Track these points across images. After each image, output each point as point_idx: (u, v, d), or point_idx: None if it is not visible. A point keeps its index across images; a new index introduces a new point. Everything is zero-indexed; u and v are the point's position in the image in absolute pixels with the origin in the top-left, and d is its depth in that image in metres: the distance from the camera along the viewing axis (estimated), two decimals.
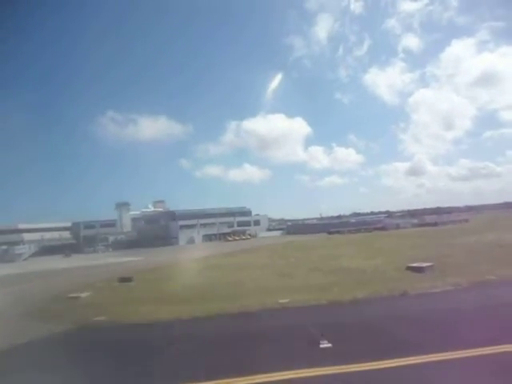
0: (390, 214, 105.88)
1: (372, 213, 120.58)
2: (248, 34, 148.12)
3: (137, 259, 41.21)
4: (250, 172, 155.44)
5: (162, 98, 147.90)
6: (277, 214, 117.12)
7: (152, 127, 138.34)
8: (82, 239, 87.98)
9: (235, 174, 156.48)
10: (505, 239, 25.50)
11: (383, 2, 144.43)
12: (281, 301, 11.91)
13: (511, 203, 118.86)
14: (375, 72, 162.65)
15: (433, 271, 15.52)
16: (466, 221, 69.40)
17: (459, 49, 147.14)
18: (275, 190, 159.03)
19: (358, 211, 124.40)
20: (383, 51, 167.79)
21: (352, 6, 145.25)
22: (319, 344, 7.20)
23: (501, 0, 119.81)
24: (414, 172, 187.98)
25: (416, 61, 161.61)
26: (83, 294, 17.28)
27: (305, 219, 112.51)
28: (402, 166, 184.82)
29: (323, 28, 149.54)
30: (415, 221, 76.91)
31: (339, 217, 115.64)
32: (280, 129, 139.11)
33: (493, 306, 9.40)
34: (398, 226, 68.08)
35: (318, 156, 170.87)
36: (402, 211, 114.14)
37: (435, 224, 65.83)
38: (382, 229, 65.66)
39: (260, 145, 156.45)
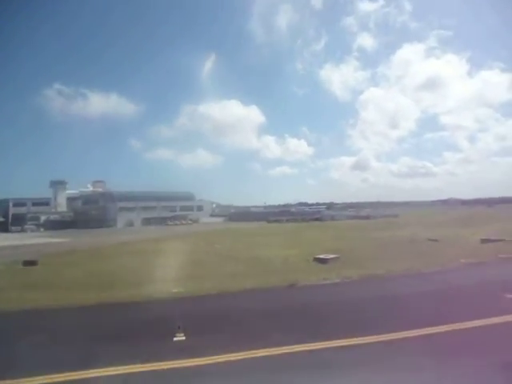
0: (330, 206, 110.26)
1: (317, 204, 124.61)
2: (206, 15, 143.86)
3: (61, 241, 39.08)
4: (202, 157, 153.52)
5: (115, 75, 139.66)
6: (227, 201, 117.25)
7: (102, 104, 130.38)
8: (12, 217, 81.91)
9: (187, 158, 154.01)
10: (419, 235, 27.33)
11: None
12: (174, 290, 11.82)
13: (445, 201, 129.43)
14: (330, 68, 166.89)
15: (335, 263, 16.32)
16: (396, 216, 74.00)
17: (409, 52, 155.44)
18: (227, 176, 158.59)
19: (304, 201, 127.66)
20: (339, 48, 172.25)
21: (313, 1, 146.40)
22: (173, 337, 7.19)
23: (450, 10, 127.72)
24: (359, 167, 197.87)
25: (369, 60, 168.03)
26: None
27: (252, 207, 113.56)
28: (349, 161, 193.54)
29: (284, 18, 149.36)
30: (351, 213, 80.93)
31: (283, 206, 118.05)
32: (235, 115, 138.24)
33: (361, 299, 9.99)
34: (333, 218, 71.02)
35: (271, 145, 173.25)
36: (343, 203, 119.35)
37: (367, 217, 69.57)
38: (318, 219, 68.21)
39: (214, 130, 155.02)
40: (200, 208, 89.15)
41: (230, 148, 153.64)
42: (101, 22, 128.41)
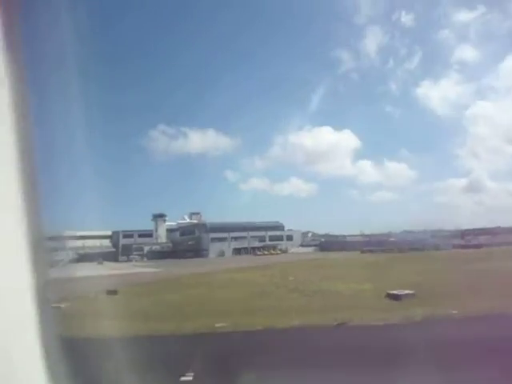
0: (435, 233, 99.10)
1: (425, 231, 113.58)
2: (291, 46, 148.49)
3: (154, 271, 41.88)
4: (295, 185, 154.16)
5: (210, 111, 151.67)
6: (323, 229, 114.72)
7: (200, 140, 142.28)
8: (121, 248, 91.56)
9: (281, 188, 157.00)
10: None
11: (436, 13, 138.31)
12: (217, 325, 11.15)
13: None
14: (427, 84, 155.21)
15: (409, 300, 13.95)
16: None
17: None
18: (322, 204, 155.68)
19: (408, 229, 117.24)
20: (436, 63, 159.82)
21: (403, 19, 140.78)
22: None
23: None
24: (472, 189, 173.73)
25: (472, 72, 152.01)
26: (63, 305, 17.54)
27: (349, 236, 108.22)
28: (458, 183, 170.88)
29: (372, 41, 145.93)
30: (460, 241, 71.56)
31: (383, 234, 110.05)
32: (327, 142, 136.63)
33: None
34: (437, 247, 63.27)
35: (368, 170, 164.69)
36: (456, 230, 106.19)
37: (479, 246, 60.38)
38: (417, 249, 61.39)
39: (306, 158, 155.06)
40: (290, 238, 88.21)
41: (324, 175, 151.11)
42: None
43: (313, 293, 16.72)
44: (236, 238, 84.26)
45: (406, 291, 14.88)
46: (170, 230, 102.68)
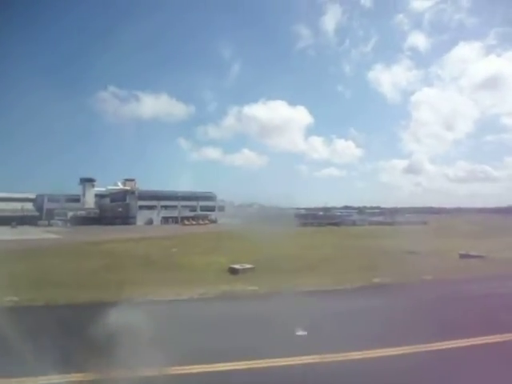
0: (361, 210, 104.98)
1: (365, 207, 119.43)
2: (253, 19, 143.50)
3: (57, 237, 40.14)
4: (248, 157, 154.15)
5: (166, 76, 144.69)
6: (272, 202, 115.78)
7: (153, 104, 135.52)
8: (45, 212, 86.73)
9: (233, 159, 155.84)
10: (408, 245, 24.03)
11: None
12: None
13: (504, 209, 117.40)
14: (379, 68, 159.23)
15: (246, 274, 14.44)
16: (425, 223, 68.33)
17: (466, 51, 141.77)
18: (273, 177, 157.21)
19: (350, 205, 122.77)
20: (389, 48, 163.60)
21: (362, 0, 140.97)
22: None
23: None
24: (412, 170, 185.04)
25: (421, 60, 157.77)
26: None
27: (292, 208, 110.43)
28: (400, 164, 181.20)
29: (331, 19, 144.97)
30: (379, 219, 76.37)
31: (317, 209, 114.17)
32: (281, 116, 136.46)
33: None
34: (354, 223, 67.15)
35: (318, 147, 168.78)
36: (373, 208, 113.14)
37: (391, 223, 65.00)
38: (335, 224, 64.75)
39: (260, 131, 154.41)
40: (222, 208, 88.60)
41: (276, 149, 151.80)
42: (146, 24, 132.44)
43: (168, 266, 16.69)
44: (166, 207, 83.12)
45: (247, 265, 15.33)
46: (100, 196, 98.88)
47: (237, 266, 15.17)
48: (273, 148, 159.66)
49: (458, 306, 9.32)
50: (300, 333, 7.05)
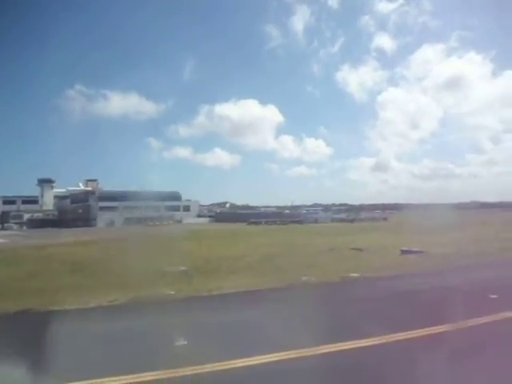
0: (327, 208, 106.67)
1: (333, 205, 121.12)
2: (222, 16, 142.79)
3: (5, 241, 38.04)
4: (220, 156, 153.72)
5: (134, 74, 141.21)
6: (243, 201, 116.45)
7: (123, 104, 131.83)
8: (0, 215, 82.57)
9: (205, 158, 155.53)
10: (360, 243, 24.23)
11: (360, 0, 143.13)
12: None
13: (465, 204, 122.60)
14: (347, 69, 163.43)
15: (173, 276, 14.06)
16: (385, 219, 70.34)
17: (429, 52, 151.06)
18: (244, 176, 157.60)
19: (319, 203, 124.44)
20: (356, 49, 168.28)
21: (330, 1, 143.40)
22: None
23: (473, 9, 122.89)
24: (379, 168, 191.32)
25: (387, 60, 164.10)
26: None
27: (263, 207, 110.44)
28: (368, 161, 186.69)
29: (300, 20, 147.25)
30: (342, 216, 77.73)
31: (284, 207, 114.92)
32: (252, 115, 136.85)
33: None
34: (316, 220, 68.01)
35: (288, 145, 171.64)
36: (341, 205, 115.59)
37: (352, 221, 66.40)
38: (298, 222, 65.38)
39: (231, 130, 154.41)
40: (187, 208, 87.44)
41: (247, 148, 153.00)
42: (119, 22, 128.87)
43: (102, 271, 15.95)
44: (129, 208, 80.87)
45: (182, 268, 15.02)
46: (61, 198, 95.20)
47: (169, 269, 14.74)
48: (244, 147, 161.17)
49: (359, 306, 9.18)
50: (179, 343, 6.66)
